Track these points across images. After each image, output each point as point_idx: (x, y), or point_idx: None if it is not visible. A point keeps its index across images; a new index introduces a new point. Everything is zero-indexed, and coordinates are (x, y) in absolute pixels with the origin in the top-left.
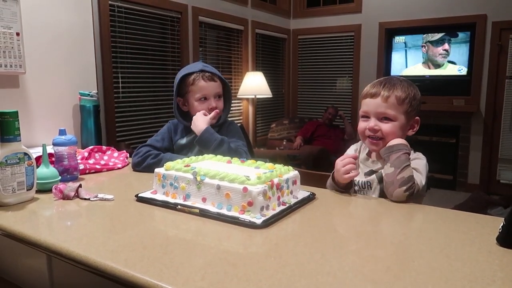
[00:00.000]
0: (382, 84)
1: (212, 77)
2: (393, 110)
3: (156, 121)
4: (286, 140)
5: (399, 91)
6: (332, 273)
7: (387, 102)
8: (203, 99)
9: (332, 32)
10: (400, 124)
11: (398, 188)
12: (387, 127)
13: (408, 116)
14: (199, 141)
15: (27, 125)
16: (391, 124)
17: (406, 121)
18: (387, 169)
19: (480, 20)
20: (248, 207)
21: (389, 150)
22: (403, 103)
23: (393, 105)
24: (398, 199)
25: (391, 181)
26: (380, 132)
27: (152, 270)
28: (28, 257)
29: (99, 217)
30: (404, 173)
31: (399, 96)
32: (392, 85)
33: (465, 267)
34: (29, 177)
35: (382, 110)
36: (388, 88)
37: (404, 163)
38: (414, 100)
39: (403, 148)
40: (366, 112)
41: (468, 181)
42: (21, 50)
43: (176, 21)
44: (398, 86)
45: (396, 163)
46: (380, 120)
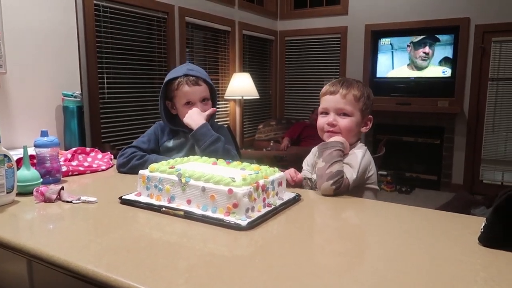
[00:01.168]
0: (340, 83)
1: (196, 81)
2: (350, 106)
3: (142, 123)
4: (273, 141)
5: (356, 89)
6: (317, 274)
7: (345, 99)
8: (189, 103)
9: (319, 33)
10: (356, 120)
11: (326, 181)
12: (344, 122)
13: (363, 113)
14: (195, 135)
15: (7, 126)
16: (348, 119)
17: (361, 118)
18: (319, 164)
19: (464, 23)
20: (233, 209)
21: (324, 146)
22: (359, 100)
23: (350, 101)
24: (325, 192)
25: (321, 174)
26: (338, 127)
27: (135, 274)
28: (7, 261)
29: (82, 220)
30: (333, 167)
31: (356, 94)
32: (350, 84)
33: (449, 267)
34: (9, 179)
35: (341, 106)
36: (346, 87)
37: (334, 159)
38: (368, 99)
39: (336, 145)
40: (326, 109)
41: (452, 181)
42: (2, 50)
43: (162, 22)
44: (355, 86)
45: (327, 158)
46: (339, 116)
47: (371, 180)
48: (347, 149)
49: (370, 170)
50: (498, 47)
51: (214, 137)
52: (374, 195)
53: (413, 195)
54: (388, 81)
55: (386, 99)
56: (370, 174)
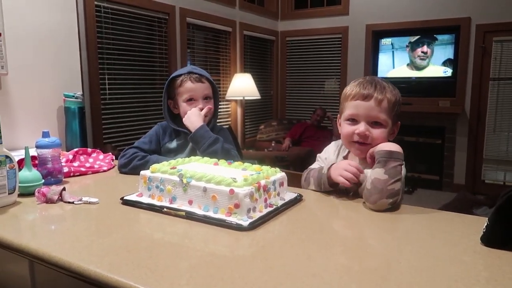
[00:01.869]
0: (372, 85)
1: (199, 78)
2: (385, 114)
3: (143, 123)
4: (274, 141)
5: (390, 93)
6: (319, 274)
7: (380, 106)
8: (191, 100)
9: (319, 34)
10: (388, 129)
11: (385, 199)
12: (377, 133)
13: (393, 121)
14: (193, 138)
15: (9, 127)
16: (381, 130)
17: (392, 126)
18: (379, 174)
19: (464, 23)
20: (235, 209)
21: (389, 155)
22: (393, 107)
23: (385, 109)
24: (377, 208)
25: (381, 188)
26: (370, 138)
27: (136, 274)
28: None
29: (83, 221)
30: (395, 185)
31: (391, 99)
32: (383, 87)
33: (451, 267)
34: (11, 180)
35: (375, 113)
36: (380, 91)
37: (397, 176)
38: (399, 105)
39: (400, 159)
40: (356, 116)
41: (454, 181)
42: (3, 51)
43: (163, 23)
44: (388, 89)
45: (392, 172)
46: (370, 125)
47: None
48: None
49: None
50: (499, 46)
51: (212, 139)
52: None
53: (414, 195)
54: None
55: None
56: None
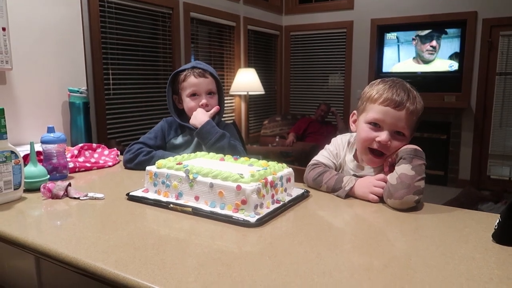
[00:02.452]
0: (406, 92)
1: (203, 73)
2: (409, 125)
3: (147, 118)
4: (278, 137)
5: (419, 104)
6: (328, 272)
7: (410, 118)
8: (194, 95)
9: (324, 28)
10: (408, 139)
11: (412, 195)
12: (397, 144)
13: (413, 130)
14: (199, 133)
15: (14, 122)
16: (402, 141)
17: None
18: (406, 170)
19: (471, 17)
20: (242, 205)
21: (415, 153)
22: (418, 118)
23: (411, 120)
24: (402, 205)
25: (408, 184)
26: (389, 149)
27: (144, 271)
28: (15, 258)
29: (89, 216)
30: (421, 183)
31: (419, 111)
32: (414, 96)
33: (462, 265)
34: (16, 176)
35: (402, 125)
36: (413, 101)
37: (423, 174)
38: (421, 115)
39: (424, 158)
40: (381, 122)
41: (459, 177)
42: (8, 46)
43: (167, 17)
44: (418, 98)
45: (418, 170)
46: (392, 134)
47: None
48: None
49: None
50: (506, 41)
51: (219, 134)
52: None
53: None
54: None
55: None
56: None
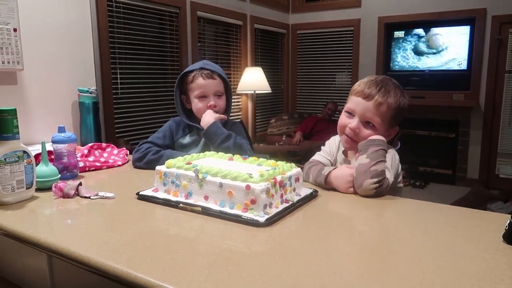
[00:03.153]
0: (378, 86)
1: (211, 74)
2: (380, 117)
3: (155, 117)
4: (285, 135)
5: (392, 98)
6: (338, 272)
7: (378, 110)
8: (202, 97)
9: (331, 26)
10: (380, 132)
11: (369, 179)
12: (367, 134)
13: (390, 125)
14: (206, 134)
15: (25, 122)
16: (372, 131)
17: (387, 129)
18: (362, 160)
19: (480, 14)
20: (251, 205)
21: (369, 143)
22: (392, 112)
23: (382, 113)
24: (364, 192)
25: (364, 171)
26: (359, 136)
27: (155, 271)
28: (28, 256)
29: (100, 216)
30: (378, 166)
31: (391, 104)
32: (388, 91)
33: (473, 266)
34: (28, 175)
35: (370, 115)
36: (383, 94)
37: (380, 158)
38: (402, 111)
39: (382, 144)
40: (353, 111)
41: (468, 176)
42: (19, 47)
43: (174, 17)
44: (393, 93)
45: (373, 156)
46: (363, 123)
47: (398, 178)
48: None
49: (399, 170)
50: None
51: (224, 135)
52: (400, 193)
53: (427, 189)
54: (402, 74)
55: None
56: (399, 172)
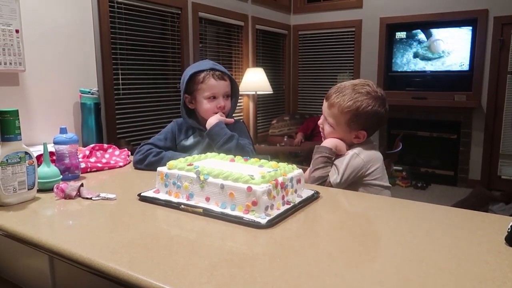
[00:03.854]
0: (337, 90)
1: (222, 76)
2: (333, 118)
3: (156, 118)
4: (287, 136)
5: (347, 101)
6: (340, 274)
7: (330, 110)
8: (212, 98)
9: (332, 27)
10: (339, 132)
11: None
12: (327, 131)
13: (350, 127)
14: (209, 134)
15: (27, 123)
16: (330, 130)
17: (349, 130)
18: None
19: (482, 15)
20: (253, 206)
21: (315, 150)
22: (346, 113)
23: (334, 114)
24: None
25: (306, 178)
26: (323, 132)
27: (157, 272)
28: (29, 257)
29: (102, 217)
30: (315, 173)
31: (343, 106)
32: (343, 95)
33: (475, 268)
34: (30, 176)
35: (325, 115)
36: (337, 96)
37: (318, 165)
38: (361, 115)
39: (323, 151)
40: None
41: (469, 177)
42: (21, 48)
43: (176, 17)
44: (348, 97)
45: (313, 163)
46: (326, 121)
47: (373, 176)
48: (341, 151)
49: (368, 168)
50: None
51: (227, 136)
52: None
53: (428, 190)
54: (403, 75)
55: (401, 93)
56: (370, 171)
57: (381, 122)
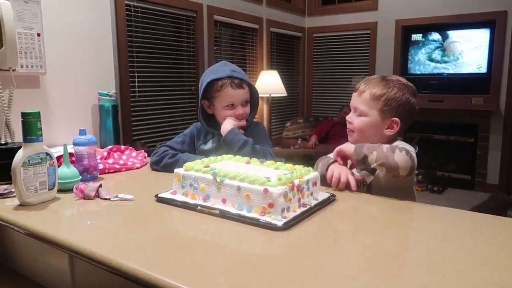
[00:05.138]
0: (365, 80)
1: (240, 84)
2: (365, 105)
3: (172, 120)
4: (300, 139)
5: (376, 88)
6: (357, 277)
7: (361, 97)
8: (230, 105)
9: (347, 30)
10: (370, 120)
11: (394, 153)
12: (357, 121)
13: (383, 114)
14: (224, 141)
15: (47, 125)
16: (360, 119)
17: (380, 119)
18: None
19: (500, 16)
20: (269, 208)
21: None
22: (377, 100)
23: (365, 100)
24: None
25: (385, 155)
26: (353, 125)
27: (175, 272)
28: (50, 256)
29: (120, 217)
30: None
31: (374, 93)
32: (372, 82)
33: (495, 273)
34: (50, 177)
35: (355, 104)
36: (366, 84)
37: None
38: (393, 100)
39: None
40: (351, 105)
41: (487, 181)
42: (42, 51)
43: (191, 20)
44: (377, 84)
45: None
46: (355, 114)
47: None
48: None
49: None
50: None
51: (241, 142)
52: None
53: (445, 195)
54: (419, 77)
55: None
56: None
57: (413, 113)
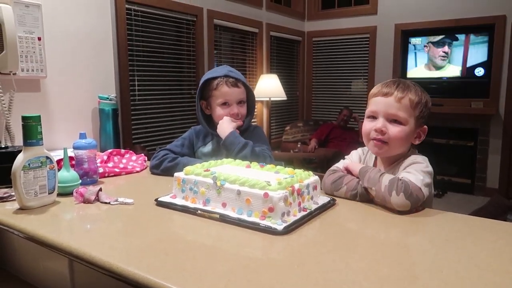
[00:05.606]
0: (395, 84)
1: (235, 83)
2: (405, 112)
3: (171, 124)
4: (300, 142)
5: (413, 94)
6: (358, 282)
7: (400, 103)
8: (225, 104)
9: (347, 34)
10: (409, 129)
11: (391, 196)
12: (395, 131)
13: (417, 123)
14: (224, 144)
15: (48, 128)
16: (400, 128)
17: (415, 128)
18: (373, 192)
19: (499, 21)
20: (269, 213)
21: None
22: (416, 107)
23: (406, 107)
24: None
25: (382, 197)
26: (388, 135)
27: (175, 277)
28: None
29: (120, 221)
30: (383, 181)
31: (413, 99)
32: (407, 86)
33: (496, 278)
34: (50, 180)
35: (393, 111)
36: (402, 89)
37: (377, 175)
38: (425, 107)
39: (368, 169)
40: (375, 112)
41: (487, 185)
42: (43, 55)
43: (191, 24)
44: (413, 89)
45: (371, 182)
46: (389, 122)
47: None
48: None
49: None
50: None
51: (241, 145)
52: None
53: (445, 198)
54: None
55: None
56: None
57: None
